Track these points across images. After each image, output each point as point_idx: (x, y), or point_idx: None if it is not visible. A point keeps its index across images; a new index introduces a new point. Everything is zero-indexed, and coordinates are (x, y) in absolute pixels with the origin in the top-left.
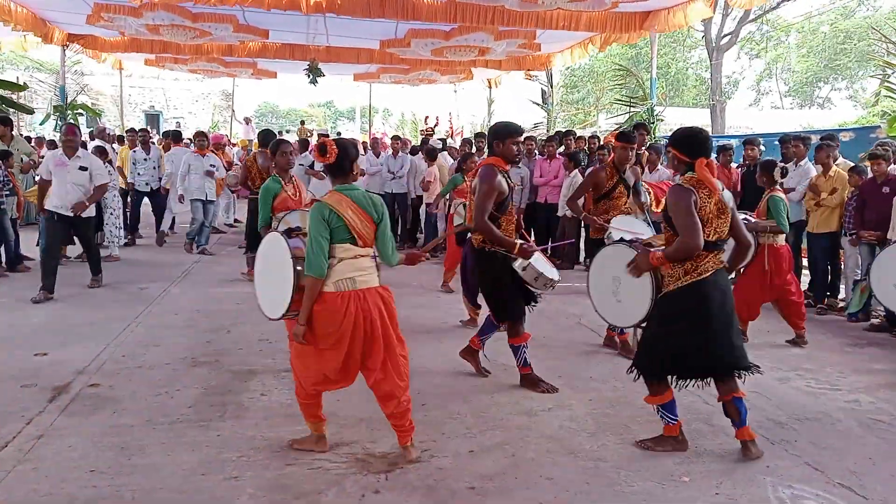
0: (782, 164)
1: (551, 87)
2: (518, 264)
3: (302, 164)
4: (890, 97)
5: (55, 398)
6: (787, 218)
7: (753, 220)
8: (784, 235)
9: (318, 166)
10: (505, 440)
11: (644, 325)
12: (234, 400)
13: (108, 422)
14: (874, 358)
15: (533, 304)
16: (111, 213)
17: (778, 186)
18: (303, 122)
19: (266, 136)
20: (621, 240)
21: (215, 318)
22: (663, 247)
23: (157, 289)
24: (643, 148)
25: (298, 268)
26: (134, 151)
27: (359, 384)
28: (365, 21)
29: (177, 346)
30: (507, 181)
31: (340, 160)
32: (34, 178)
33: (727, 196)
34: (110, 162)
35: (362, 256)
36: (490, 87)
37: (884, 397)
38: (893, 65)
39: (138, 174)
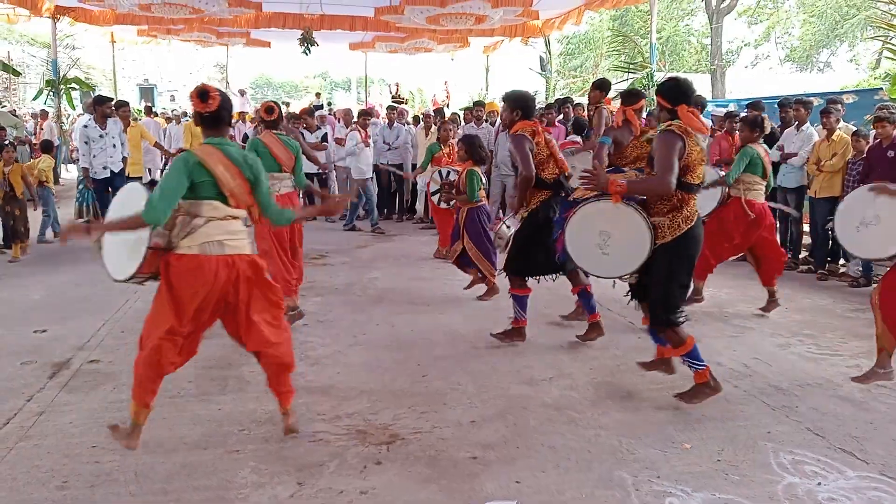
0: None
1: (549, 54)
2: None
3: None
4: (891, 59)
5: (55, 374)
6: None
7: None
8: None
9: (311, 138)
10: (506, 409)
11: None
12: (235, 374)
13: (109, 397)
14: (874, 323)
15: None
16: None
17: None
18: (318, 95)
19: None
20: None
21: None
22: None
23: None
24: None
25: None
26: (85, 127)
27: (358, 357)
28: None
29: None
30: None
31: (220, 110)
32: (30, 152)
33: (703, 145)
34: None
35: (233, 218)
36: (487, 55)
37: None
38: (895, 26)
39: (93, 156)
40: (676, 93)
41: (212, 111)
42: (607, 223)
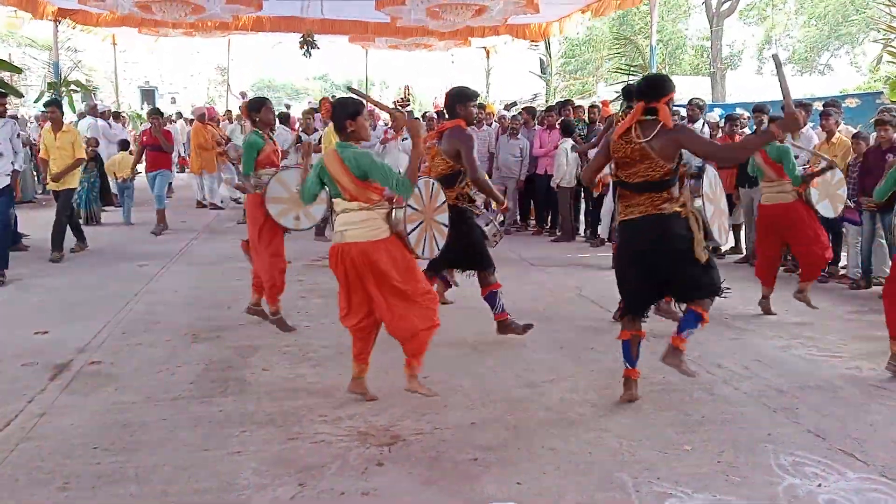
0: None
1: (549, 56)
2: (484, 221)
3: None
4: (892, 62)
5: (56, 376)
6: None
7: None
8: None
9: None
10: (507, 412)
11: None
12: (236, 375)
13: (110, 399)
14: (875, 325)
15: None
16: None
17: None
18: (333, 98)
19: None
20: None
21: (215, 295)
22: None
23: (156, 266)
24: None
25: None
26: None
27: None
28: None
29: (177, 322)
30: None
31: (334, 117)
32: (31, 155)
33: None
34: None
35: (350, 210)
36: (487, 57)
37: (885, 364)
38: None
39: None
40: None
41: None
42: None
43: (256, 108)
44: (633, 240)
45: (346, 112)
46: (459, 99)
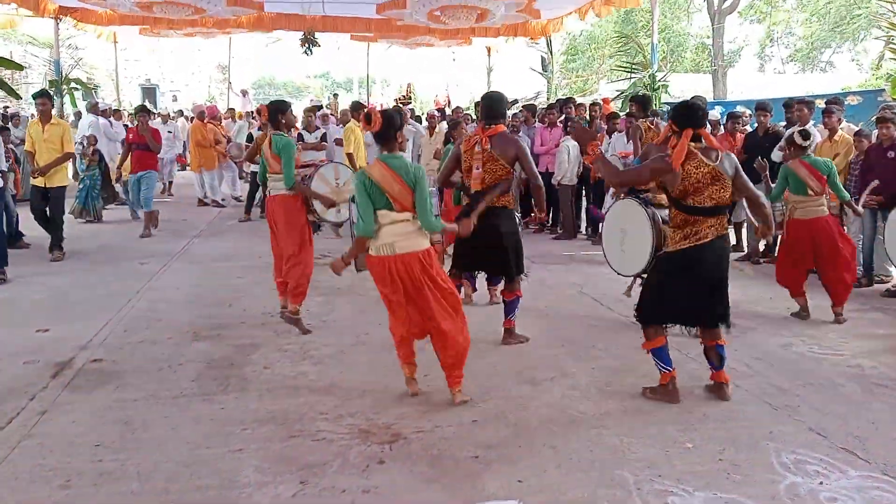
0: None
1: (551, 54)
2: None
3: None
4: (894, 59)
5: (58, 374)
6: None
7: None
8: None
9: (310, 138)
10: (507, 409)
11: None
12: (237, 373)
13: (112, 396)
14: (876, 323)
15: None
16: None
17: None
18: (335, 96)
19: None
20: (631, 193)
21: (216, 293)
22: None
23: (158, 264)
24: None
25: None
26: None
27: (361, 356)
28: None
29: (179, 320)
30: None
31: (385, 129)
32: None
33: (728, 163)
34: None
35: (401, 221)
36: (489, 55)
37: (886, 362)
38: None
39: None
40: (681, 117)
41: (377, 132)
42: (626, 221)
43: (283, 110)
44: (699, 263)
45: (395, 125)
46: (505, 104)
